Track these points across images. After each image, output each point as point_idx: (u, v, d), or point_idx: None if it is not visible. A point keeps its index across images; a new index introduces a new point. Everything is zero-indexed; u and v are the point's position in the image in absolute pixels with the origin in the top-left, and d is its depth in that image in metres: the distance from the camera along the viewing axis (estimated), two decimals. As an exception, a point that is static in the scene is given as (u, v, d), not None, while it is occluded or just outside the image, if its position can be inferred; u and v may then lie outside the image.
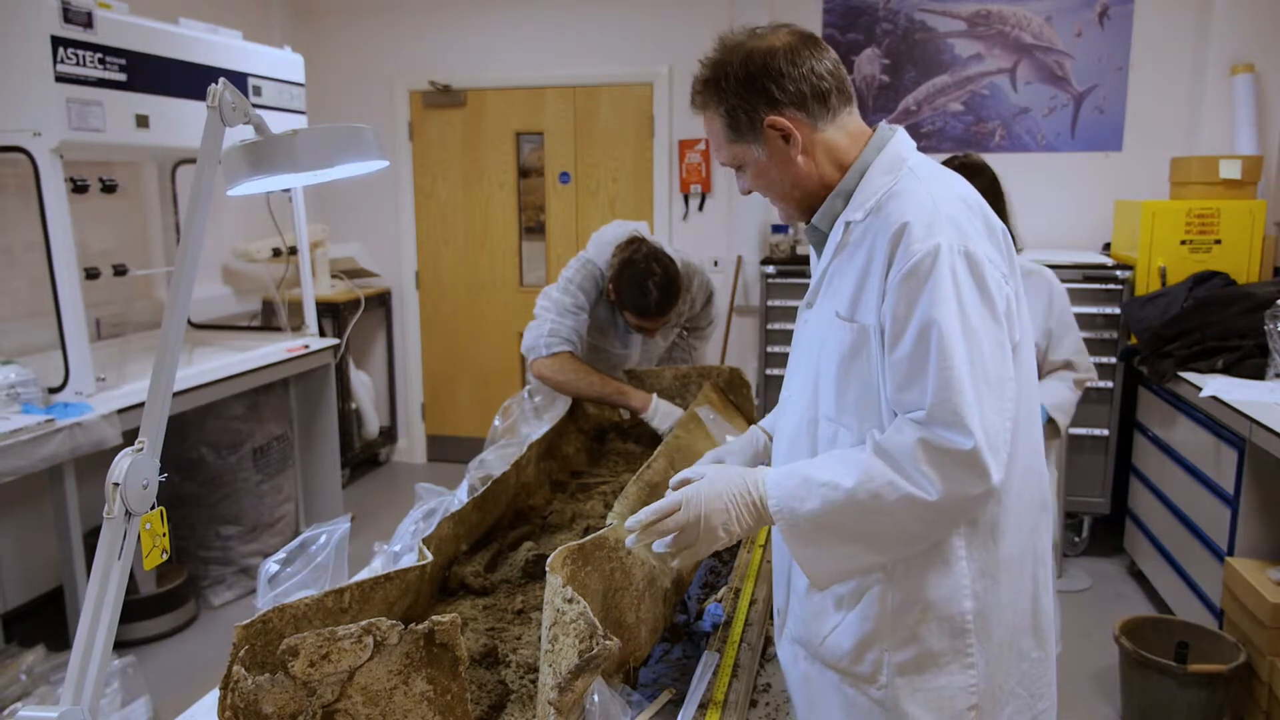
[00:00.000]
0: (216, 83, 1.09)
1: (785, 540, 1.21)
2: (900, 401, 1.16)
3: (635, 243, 2.51)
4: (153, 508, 0.99)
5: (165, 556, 1.01)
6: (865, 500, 1.14)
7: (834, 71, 1.26)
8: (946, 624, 1.22)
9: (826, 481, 1.17)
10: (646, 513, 1.25)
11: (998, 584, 1.23)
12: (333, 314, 4.75)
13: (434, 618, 1.06)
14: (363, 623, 1.04)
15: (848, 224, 1.26)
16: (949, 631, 1.22)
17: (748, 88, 1.24)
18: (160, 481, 1.02)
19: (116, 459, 0.95)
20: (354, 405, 5.09)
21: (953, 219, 1.17)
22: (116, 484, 0.94)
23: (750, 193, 1.36)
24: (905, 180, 1.23)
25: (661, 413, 2.43)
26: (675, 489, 1.28)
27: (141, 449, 0.96)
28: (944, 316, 1.11)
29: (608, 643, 1.08)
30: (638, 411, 2.45)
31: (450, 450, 5.49)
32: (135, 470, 0.95)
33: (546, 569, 1.20)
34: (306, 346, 3.90)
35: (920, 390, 1.13)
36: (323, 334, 4.18)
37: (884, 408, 1.20)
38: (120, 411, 2.91)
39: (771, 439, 1.61)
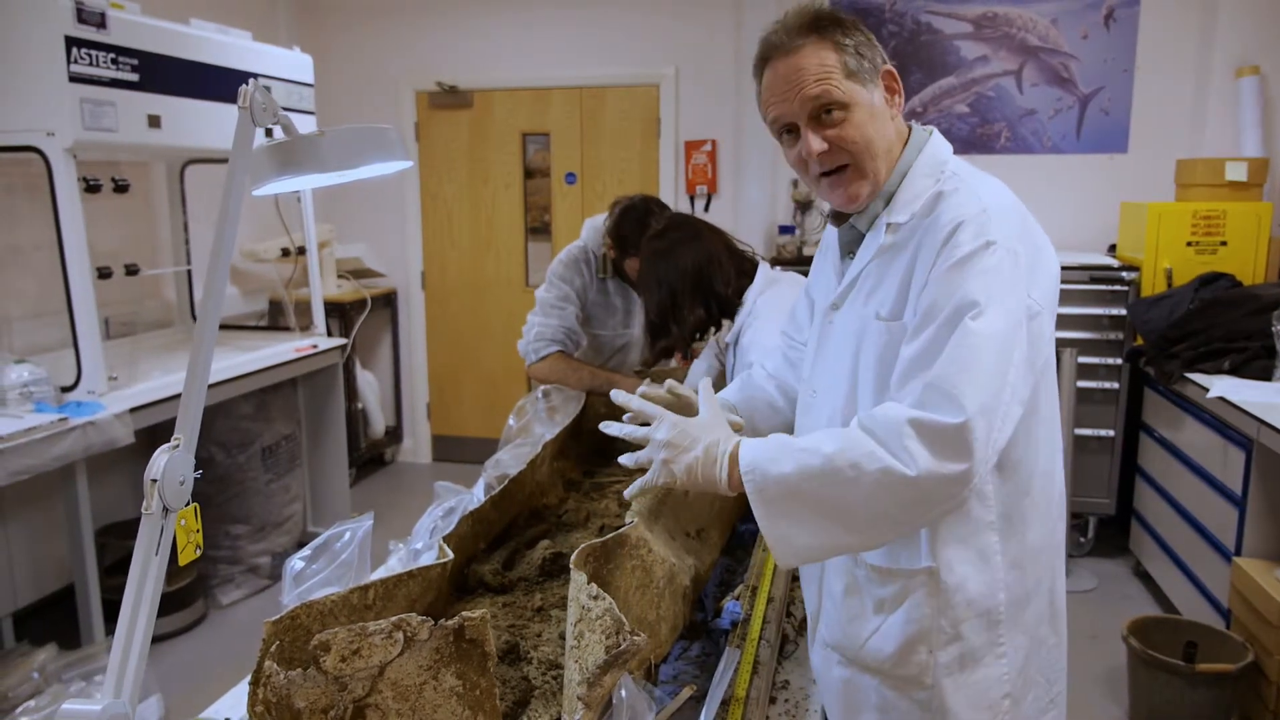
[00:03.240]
0: (247, 83, 1.09)
1: (753, 506, 1.15)
2: (904, 380, 1.14)
3: (626, 197, 2.55)
4: (187, 504, 1.00)
5: (199, 553, 1.03)
6: (842, 468, 1.09)
7: None
8: (984, 619, 1.23)
9: (805, 447, 1.13)
10: (638, 402, 1.31)
11: (1025, 575, 1.25)
12: (339, 314, 4.76)
13: (464, 613, 1.07)
14: (393, 618, 1.05)
15: (889, 225, 1.24)
16: (986, 625, 1.24)
17: (868, 36, 1.24)
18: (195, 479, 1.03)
19: (154, 455, 0.96)
20: (360, 405, 5.10)
21: (1002, 223, 1.16)
22: (155, 480, 0.95)
23: (814, 155, 1.21)
24: (952, 183, 1.22)
25: None
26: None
27: (178, 446, 0.97)
28: (975, 301, 1.10)
29: (635, 638, 1.09)
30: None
31: (455, 450, 5.50)
32: (173, 467, 0.96)
33: (570, 566, 1.21)
34: (315, 346, 3.92)
35: (928, 366, 1.10)
36: (329, 334, 4.19)
37: None
38: (132, 410, 2.92)
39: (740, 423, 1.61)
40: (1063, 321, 3.94)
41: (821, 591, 1.37)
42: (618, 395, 1.34)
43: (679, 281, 2.03)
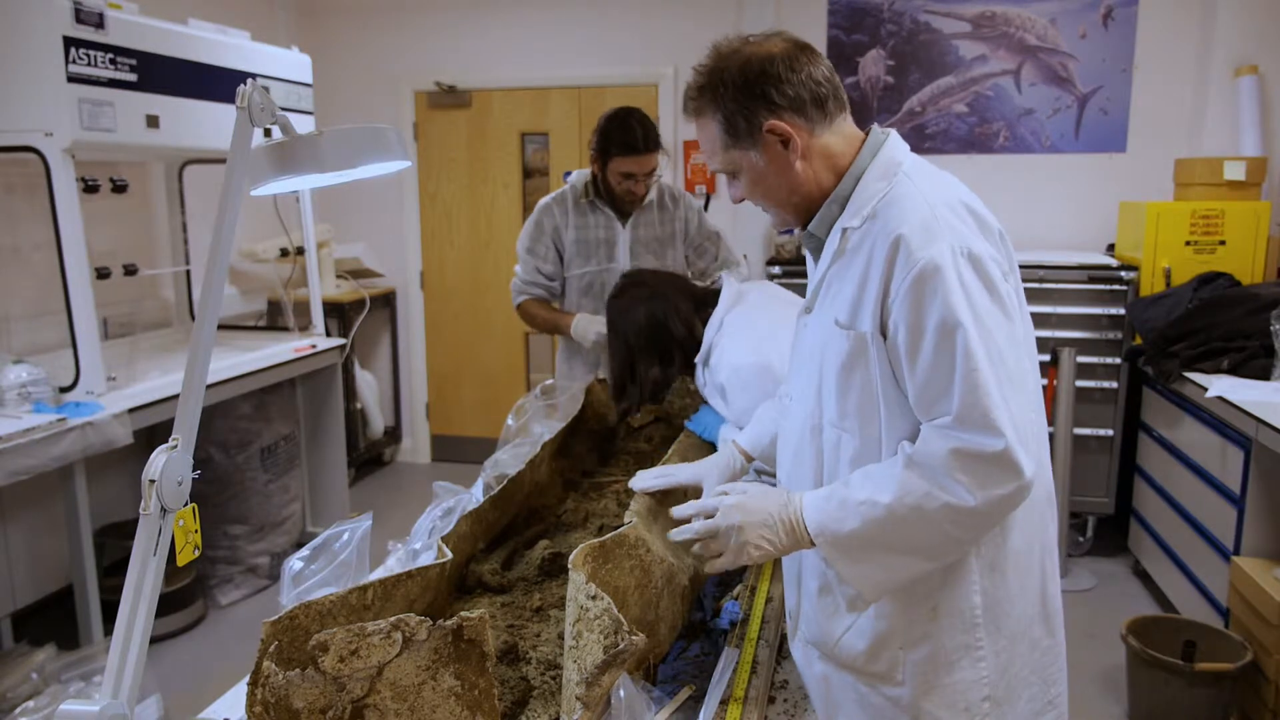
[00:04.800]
0: (246, 83, 1.09)
1: (831, 562, 1.23)
2: (925, 409, 1.17)
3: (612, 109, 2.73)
4: (185, 504, 1.00)
5: (197, 553, 1.03)
6: (905, 514, 1.15)
7: (830, 78, 1.26)
8: (958, 620, 1.24)
9: (864, 500, 1.17)
10: (690, 507, 1.33)
11: (1005, 577, 1.25)
12: (338, 314, 4.76)
13: (462, 614, 1.07)
14: (392, 619, 1.05)
15: (844, 231, 1.25)
16: (960, 627, 1.24)
17: (746, 93, 1.23)
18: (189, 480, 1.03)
19: (152, 456, 0.96)
20: (359, 405, 5.10)
21: (949, 222, 1.17)
22: (153, 481, 0.95)
23: (742, 200, 1.35)
24: (900, 186, 1.23)
25: (581, 327, 2.70)
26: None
27: (176, 446, 0.97)
28: (959, 320, 1.12)
29: (634, 638, 1.09)
30: (568, 332, 2.75)
31: (455, 450, 5.50)
32: (170, 467, 0.96)
33: (569, 566, 1.21)
34: (313, 346, 3.91)
35: (946, 397, 1.13)
36: (328, 334, 4.19)
37: (883, 412, 1.21)
38: (131, 411, 2.92)
39: (751, 459, 1.65)
40: (1061, 321, 3.95)
41: (800, 589, 1.38)
42: (679, 510, 1.39)
43: (635, 338, 2.04)
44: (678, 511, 1.36)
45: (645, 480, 1.62)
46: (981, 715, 1.25)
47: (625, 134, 2.61)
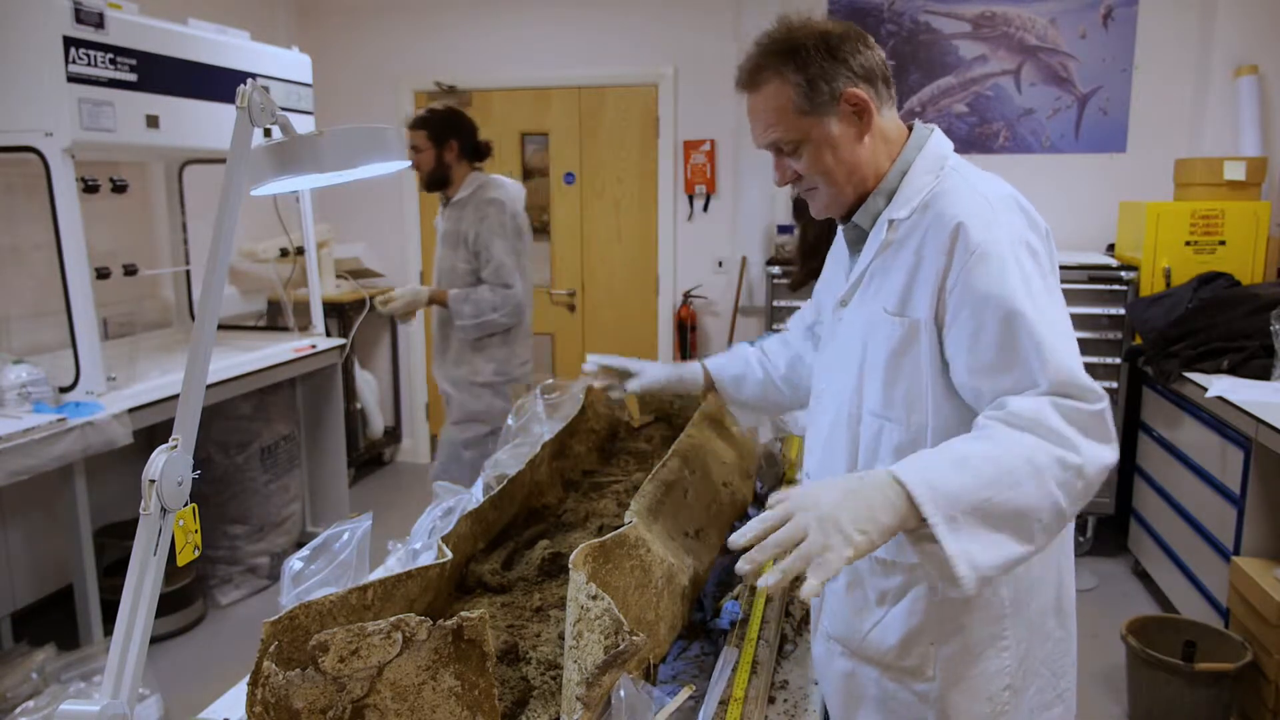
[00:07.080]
0: (246, 83, 1.09)
1: (940, 534, 1.02)
2: (993, 390, 1.15)
3: (428, 108, 3.28)
4: (185, 504, 1.00)
5: (197, 553, 1.03)
6: (1018, 466, 1.03)
7: (886, 63, 1.29)
8: (987, 612, 1.25)
9: (967, 454, 1.05)
10: (752, 526, 1.07)
11: (1030, 568, 1.26)
12: (338, 314, 4.76)
13: (462, 614, 1.07)
14: (392, 619, 1.05)
15: (891, 221, 1.26)
16: (990, 619, 1.25)
17: (831, 57, 1.22)
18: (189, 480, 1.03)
19: (152, 456, 0.96)
20: (358, 405, 5.10)
21: (1004, 214, 1.19)
22: (153, 481, 0.95)
23: (789, 182, 1.31)
24: (950, 179, 1.24)
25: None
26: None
27: (176, 446, 0.97)
28: (1023, 304, 1.12)
29: (634, 638, 1.09)
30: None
31: (455, 450, 5.49)
32: (170, 467, 0.96)
33: (569, 566, 1.21)
34: (313, 346, 3.91)
35: (1019, 374, 1.12)
36: (328, 334, 4.19)
37: (930, 400, 1.21)
38: (131, 411, 2.91)
39: (711, 375, 1.73)
40: (1061, 321, 3.95)
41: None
42: (736, 540, 1.09)
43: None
44: (737, 539, 1.09)
45: (595, 361, 1.77)
46: (1002, 704, 1.27)
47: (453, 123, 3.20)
